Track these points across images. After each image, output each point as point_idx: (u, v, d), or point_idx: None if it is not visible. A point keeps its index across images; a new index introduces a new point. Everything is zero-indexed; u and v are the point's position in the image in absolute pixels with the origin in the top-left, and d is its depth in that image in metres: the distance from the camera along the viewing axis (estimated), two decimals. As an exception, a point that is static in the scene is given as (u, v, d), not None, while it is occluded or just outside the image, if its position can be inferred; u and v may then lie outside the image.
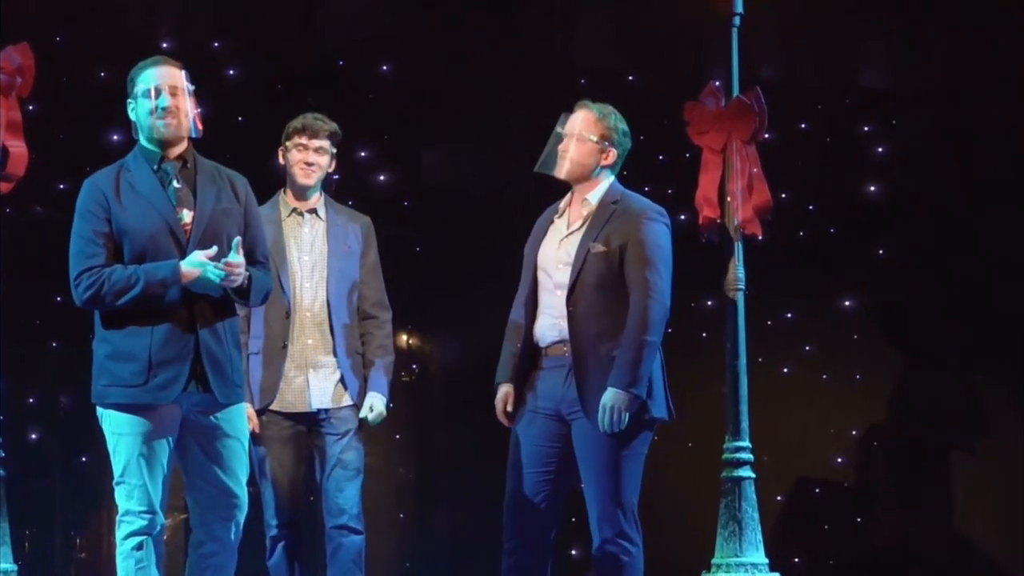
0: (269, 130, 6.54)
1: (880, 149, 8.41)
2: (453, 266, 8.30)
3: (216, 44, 8.42)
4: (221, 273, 5.05)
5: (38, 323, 7.80)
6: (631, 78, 8.45)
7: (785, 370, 8.33)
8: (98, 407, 5.20)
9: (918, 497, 8.21)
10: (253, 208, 5.36)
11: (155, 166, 5.22)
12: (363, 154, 8.26)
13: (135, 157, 5.26)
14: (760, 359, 7.67)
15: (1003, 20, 8.01)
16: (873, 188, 8.36)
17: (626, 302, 5.53)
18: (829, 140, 8.44)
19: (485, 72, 8.35)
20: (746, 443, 6.60)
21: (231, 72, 8.38)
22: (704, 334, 7.92)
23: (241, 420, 5.30)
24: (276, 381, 6.11)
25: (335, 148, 6.29)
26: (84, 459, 8.00)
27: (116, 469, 5.16)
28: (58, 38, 8.16)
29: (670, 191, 7.64)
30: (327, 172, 6.30)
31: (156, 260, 5.09)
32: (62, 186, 7.76)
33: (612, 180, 5.75)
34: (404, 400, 6.33)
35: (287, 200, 6.29)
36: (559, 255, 5.68)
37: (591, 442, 5.52)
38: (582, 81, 8.28)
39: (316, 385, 6.14)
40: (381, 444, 7.60)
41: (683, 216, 7.07)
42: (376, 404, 6.19)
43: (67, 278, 5.17)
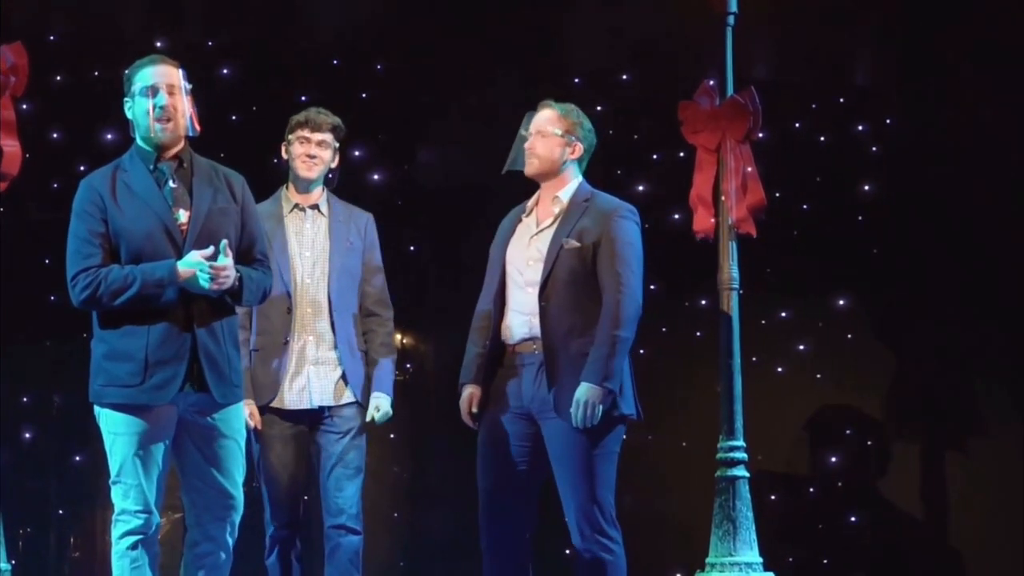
0: (263, 129, 6.53)
1: (874, 148, 8.42)
2: (447, 265, 8.30)
3: (210, 43, 8.41)
4: (207, 277, 5.03)
5: (32, 322, 7.78)
6: (625, 77, 8.46)
7: (779, 369, 8.33)
8: (95, 406, 5.19)
9: (912, 497, 8.22)
10: (250, 206, 5.34)
11: (151, 166, 5.21)
12: (357, 153, 8.25)
13: (131, 157, 5.25)
14: (754, 358, 7.68)
15: (997, 19, 8.01)
16: (867, 187, 8.37)
17: (597, 299, 5.53)
18: (823, 139, 8.45)
19: (480, 71, 8.35)
20: (740, 442, 6.61)
21: (225, 71, 8.37)
22: (698, 333, 7.92)
23: (238, 420, 5.30)
24: (277, 377, 6.09)
25: (338, 143, 6.27)
26: (78, 458, 7.99)
27: (112, 468, 5.15)
28: (51, 37, 8.15)
29: (664, 190, 7.65)
30: (330, 167, 6.28)
31: (153, 260, 5.07)
32: (56, 185, 7.76)
33: (581, 179, 5.77)
34: (399, 399, 6.32)
35: (289, 196, 6.27)
36: (529, 252, 5.69)
37: (564, 442, 5.52)
38: (576, 81, 8.28)
39: (317, 382, 6.12)
40: (376, 444, 7.59)
41: (677, 215, 7.07)
42: (382, 404, 6.19)
43: (61, 277, 5.16)
